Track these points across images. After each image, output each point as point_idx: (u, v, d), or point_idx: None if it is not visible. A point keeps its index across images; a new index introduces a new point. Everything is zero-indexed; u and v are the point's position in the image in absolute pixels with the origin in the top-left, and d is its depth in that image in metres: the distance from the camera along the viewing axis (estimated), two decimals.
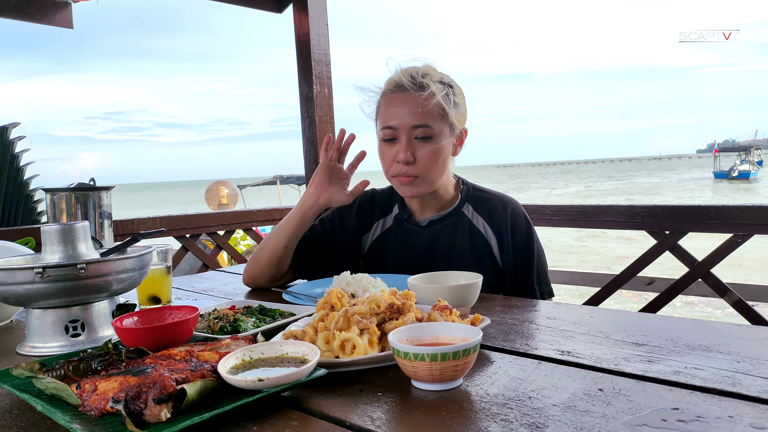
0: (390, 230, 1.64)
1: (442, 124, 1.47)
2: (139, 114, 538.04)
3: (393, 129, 1.48)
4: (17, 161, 2.71)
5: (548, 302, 1.31)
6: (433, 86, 1.46)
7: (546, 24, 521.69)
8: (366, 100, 1.57)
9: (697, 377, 0.78)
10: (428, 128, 1.45)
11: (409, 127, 1.45)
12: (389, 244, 1.63)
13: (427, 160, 1.47)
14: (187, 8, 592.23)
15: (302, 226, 1.53)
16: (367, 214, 1.67)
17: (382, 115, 1.51)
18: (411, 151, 1.46)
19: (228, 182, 13.59)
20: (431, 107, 1.45)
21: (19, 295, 1.02)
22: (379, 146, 1.55)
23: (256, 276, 1.58)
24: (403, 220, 1.62)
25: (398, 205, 1.65)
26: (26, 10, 3.02)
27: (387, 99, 1.51)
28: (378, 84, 1.56)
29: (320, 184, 1.51)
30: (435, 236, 1.57)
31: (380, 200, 1.69)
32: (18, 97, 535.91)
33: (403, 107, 1.46)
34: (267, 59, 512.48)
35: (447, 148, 1.50)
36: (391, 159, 1.50)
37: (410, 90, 1.46)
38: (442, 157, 1.49)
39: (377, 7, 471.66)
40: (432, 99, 1.45)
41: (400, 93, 1.48)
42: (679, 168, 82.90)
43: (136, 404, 0.67)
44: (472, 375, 0.83)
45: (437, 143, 1.47)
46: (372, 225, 1.66)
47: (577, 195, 36.14)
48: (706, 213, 2.12)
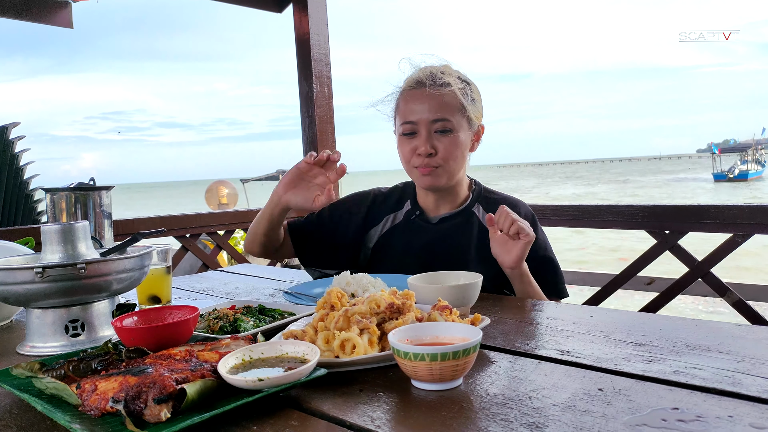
0: (399, 225, 1.65)
1: (460, 118, 1.50)
2: (139, 114, 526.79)
3: (413, 123, 1.50)
4: (17, 161, 2.71)
5: (548, 302, 1.31)
6: (451, 81, 1.49)
7: (546, 24, 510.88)
8: (384, 101, 1.61)
9: (697, 377, 0.78)
10: (447, 121, 1.48)
11: (429, 121, 1.48)
12: (397, 239, 1.63)
13: (448, 151, 1.49)
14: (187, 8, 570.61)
15: (272, 221, 1.55)
16: (377, 207, 1.69)
17: (402, 111, 1.54)
18: (431, 144, 1.49)
19: (228, 182, 13.58)
20: (450, 102, 1.49)
21: (19, 294, 1.02)
22: (398, 141, 1.57)
23: (251, 249, 1.64)
24: (414, 216, 1.63)
25: (410, 201, 1.66)
26: (26, 10, 3.02)
27: (406, 96, 1.54)
28: (397, 84, 1.59)
29: (286, 185, 1.49)
30: (444, 233, 1.58)
31: (393, 196, 1.70)
32: (18, 97, 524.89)
33: (423, 103, 1.49)
34: (267, 59, 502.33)
35: (465, 142, 1.53)
36: (411, 152, 1.52)
37: (429, 86, 1.49)
38: (461, 149, 1.51)
39: (377, 7, 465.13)
40: (450, 94, 1.49)
41: (419, 90, 1.51)
42: (679, 168, 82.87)
43: (136, 404, 0.67)
44: (472, 375, 0.83)
45: (456, 136, 1.50)
46: (382, 218, 1.67)
47: (576, 197, 36.14)
48: (706, 213, 2.12)
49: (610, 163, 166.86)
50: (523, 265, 1.38)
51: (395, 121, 1.59)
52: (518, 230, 1.31)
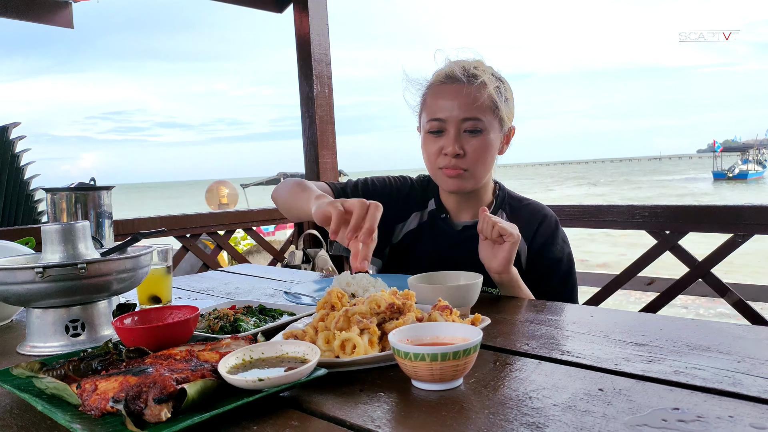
0: (424, 226, 1.57)
1: (492, 118, 1.42)
2: (139, 114, 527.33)
3: (441, 121, 1.41)
4: (17, 161, 2.71)
5: (548, 302, 1.31)
6: (485, 78, 1.40)
7: (546, 24, 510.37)
8: (410, 92, 1.50)
9: (698, 377, 0.78)
10: (478, 121, 1.40)
11: (459, 119, 1.39)
12: (421, 242, 1.56)
13: (476, 154, 1.41)
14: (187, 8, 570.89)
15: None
16: (412, 200, 1.60)
17: (429, 106, 1.45)
18: (459, 144, 1.40)
19: (228, 182, 13.59)
20: (482, 100, 1.39)
21: (19, 294, 1.02)
22: (423, 138, 1.48)
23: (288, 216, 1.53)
24: (439, 219, 1.55)
25: (434, 201, 1.58)
26: (26, 10, 3.02)
27: (435, 90, 1.45)
28: (424, 77, 1.49)
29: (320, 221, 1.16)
30: (467, 242, 1.46)
31: (420, 190, 1.62)
32: (18, 97, 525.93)
33: (453, 99, 1.40)
34: (267, 59, 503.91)
35: (495, 144, 1.45)
36: (437, 151, 1.43)
37: (461, 81, 1.40)
38: (490, 152, 1.43)
39: (377, 7, 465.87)
40: (484, 91, 1.39)
41: (450, 84, 1.41)
42: (679, 168, 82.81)
43: (136, 404, 0.67)
44: (472, 375, 0.82)
45: (486, 137, 1.41)
46: (410, 214, 1.59)
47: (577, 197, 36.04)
48: (706, 213, 2.12)
49: (610, 163, 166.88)
50: (511, 270, 1.31)
51: (420, 117, 1.50)
52: (500, 232, 1.24)
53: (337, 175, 3.34)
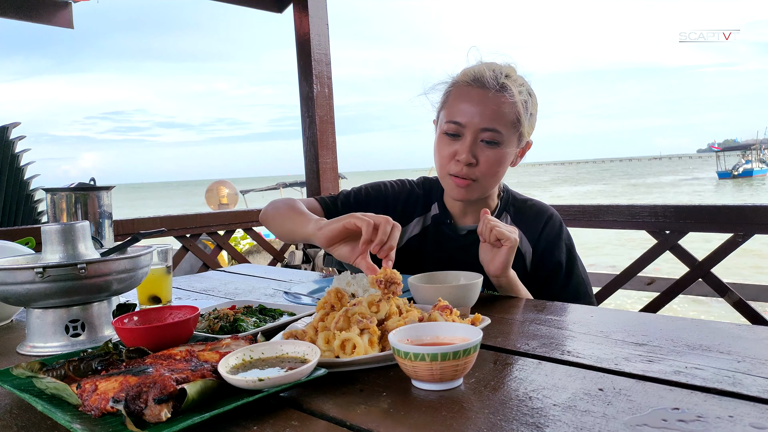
0: (428, 231, 1.55)
1: (511, 132, 1.37)
2: (139, 114, 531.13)
3: (459, 125, 1.36)
4: (17, 161, 2.71)
5: (548, 302, 1.31)
6: (514, 90, 1.35)
7: (546, 24, 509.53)
8: (434, 89, 1.46)
9: (698, 377, 0.78)
10: (497, 133, 1.35)
11: (478, 128, 1.34)
12: (425, 247, 1.54)
13: (489, 165, 1.36)
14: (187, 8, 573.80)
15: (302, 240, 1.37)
16: (412, 205, 1.58)
17: (450, 106, 1.39)
18: (474, 153, 1.35)
19: (228, 182, 13.58)
20: (506, 112, 1.35)
21: (19, 294, 1.02)
22: (437, 138, 1.43)
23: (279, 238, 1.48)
24: (443, 224, 1.53)
25: (438, 205, 1.56)
26: (26, 10, 3.02)
27: (460, 91, 1.39)
28: (451, 73, 1.44)
29: (329, 240, 1.14)
30: (471, 246, 1.43)
31: (422, 194, 1.59)
32: (18, 97, 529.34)
33: (477, 105, 1.35)
34: (267, 59, 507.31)
35: (509, 158, 1.41)
36: (450, 155, 1.38)
37: (489, 87, 1.34)
38: (503, 165, 1.39)
39: (377, 7, 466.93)
40: (509, 104, 1.35)
41: (477, 88, 1.36)
42: (680, 168, 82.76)
43: (136, 404, 0.67)
44: (472, 375, 0.82)
45: (502, 151, 1.37)
46: (412, 219, 1.56)
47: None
48: (706, 213, 2.12)
49: (610, 163, 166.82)
50: (509, 273, 1.31)
51: (439, 113, 1.44)
52: (498, 236, 1.23)
53: (337, 176, 3.34)
